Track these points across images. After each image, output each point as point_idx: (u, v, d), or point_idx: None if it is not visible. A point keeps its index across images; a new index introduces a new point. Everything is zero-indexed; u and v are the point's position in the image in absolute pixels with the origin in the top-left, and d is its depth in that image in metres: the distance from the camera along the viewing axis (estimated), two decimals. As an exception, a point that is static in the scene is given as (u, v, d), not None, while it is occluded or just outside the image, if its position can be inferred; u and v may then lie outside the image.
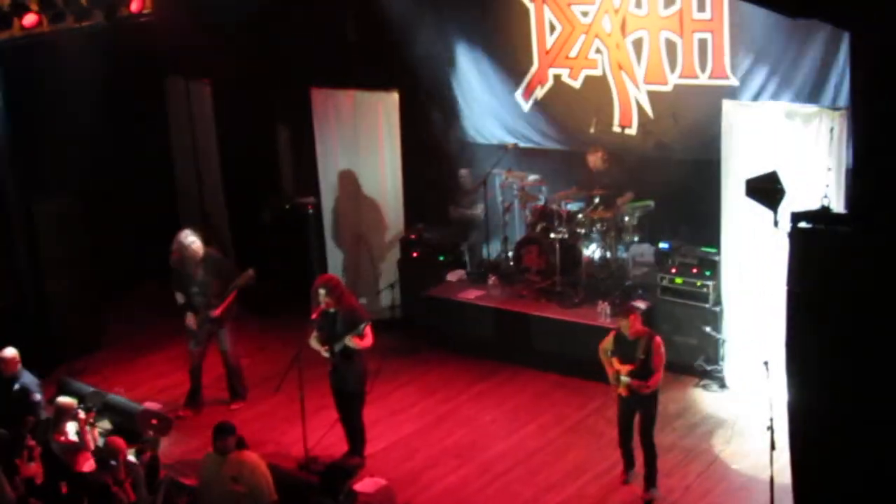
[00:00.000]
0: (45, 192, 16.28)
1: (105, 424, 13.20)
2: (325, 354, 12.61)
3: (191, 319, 14.19)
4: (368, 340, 12.59)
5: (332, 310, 12.49)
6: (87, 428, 12.05)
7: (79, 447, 11.86)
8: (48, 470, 11.90)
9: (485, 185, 16.25)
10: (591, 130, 15.37)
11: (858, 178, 8.83)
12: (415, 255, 16.59)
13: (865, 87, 8.53)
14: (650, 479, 12.05)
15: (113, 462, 11.03)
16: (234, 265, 14.39)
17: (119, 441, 11.30)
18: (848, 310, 8.04)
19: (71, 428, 11.98)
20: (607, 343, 12.07)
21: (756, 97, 13.78)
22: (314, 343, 12.72)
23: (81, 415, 12.05)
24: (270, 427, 13.67)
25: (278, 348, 15.70)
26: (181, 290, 14.25)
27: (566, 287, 15.28)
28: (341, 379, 12.72)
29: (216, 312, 14.01)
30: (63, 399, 12.50)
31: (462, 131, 17.04)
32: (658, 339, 11.90)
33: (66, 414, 12.06)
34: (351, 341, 12.38)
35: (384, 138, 16.45)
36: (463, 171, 16.92)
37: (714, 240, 14.15)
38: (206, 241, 14.27)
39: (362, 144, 16.65)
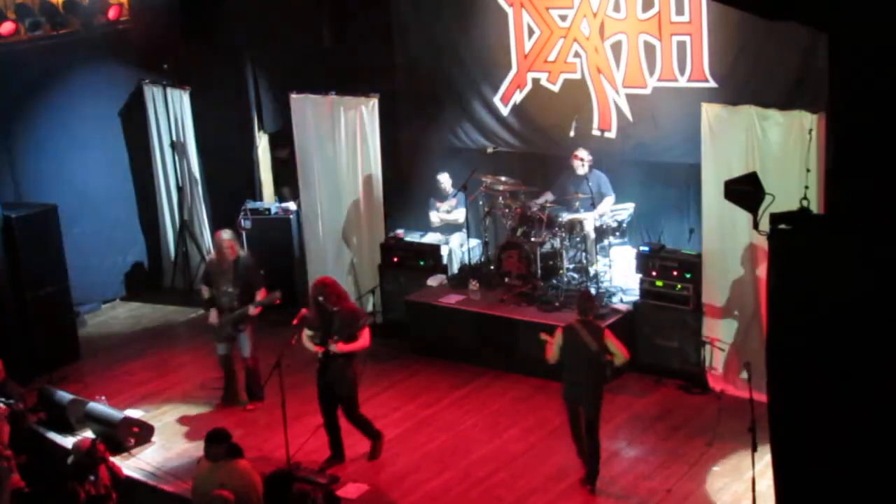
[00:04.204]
0: (24, 199, 16.21)
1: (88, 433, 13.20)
2: (319, 355, 12.64)
3: (214, 316, 14.30)
4: (365, 341, 12.64)
5: (332, 308, 12.53)
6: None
7: None
8: (30, 480, 11.88)
9: (465, 189, 16.24)
10: (571, 134, 15.38)
11: (837, 180, 8.83)
12: (395, 259, 16.57)
13: (844, 88, 8.54)
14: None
15: (92, 477, 11.11)
16: (262, 274, 14.53)
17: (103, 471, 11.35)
18: (829, 311, 8.05)
19: None
20: None
21: (735, 99, 13.80)
22: (307, 342, 12.76)
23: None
24: (253, 433, 13.62)
25: (259, 355, 15.66)
26: (209, 286, 14.44)
27: (547, 291, 15.28)
28: (332, 380, 12.70)
29: (254, 311, 14.19)
30: None
31: (441, 136, 17.03)
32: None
33: None
34: (334, 346, 12.41)
35: (363, 143, 16.42)
36: (442, 176, 16.91)
37: (694, 242, 14.17)
38: (242, 245, 14.57)
39: (342, 149, 16.62)
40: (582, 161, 15.26)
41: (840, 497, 8.28)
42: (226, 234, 14.31)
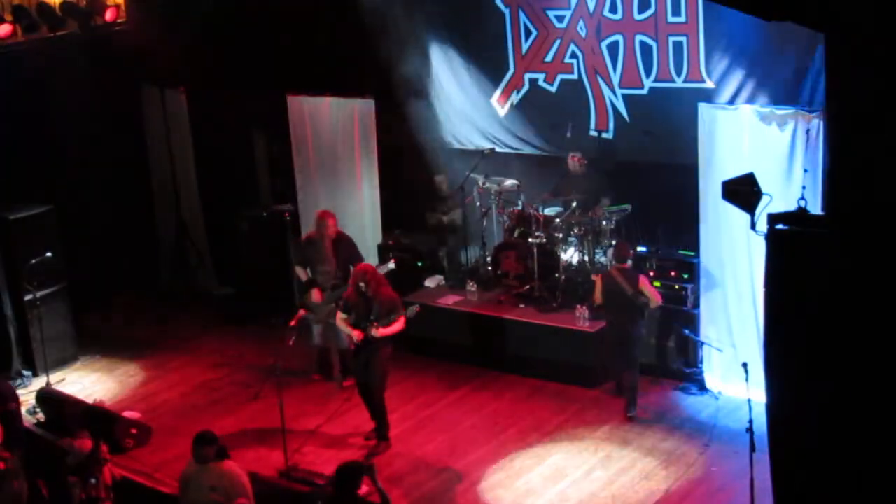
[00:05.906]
0: (21, 200, 16.20)
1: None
2: (355, 339, 12.92)
3: (316, 295, 14.52)
4: (400, 325, 13.00)
5: (372, 294, 12.86)
6: None
7: None
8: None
9: (462, 190, 16.24)
10: (568, 135, 15.38)
11: (835, 180, 8.84)
12: (393, 260, 16.54)
13: (841, 88, 8.55)
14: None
15: (93, 480, 11.09)
16: (358, 251, 14.93)
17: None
18: (826, 311, 8.06)
19: None
20: None
21: (732, 100, 13.81)
22: (342, 324, 13.16)
23: None
24: (250, 435, 13.63)
25: (256, 356, 15.67)
26: (306, 267, 14.73)
27: (544, 292, 15.28)
28: (366, 362, 13.00)
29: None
30: None
31: (438, 137, 17.02)
32: None
33: None
34: (375, 331, 12.74)
35: (360, 144, 16.42)
36: (440, 177, 16.90)
37: (692, 243, 14.17)
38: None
39: (339, 151, 16.64)
40: (578, 162, 15.26)
41: (838, 497, 8.29)
42: (329, 213, 14.66)
